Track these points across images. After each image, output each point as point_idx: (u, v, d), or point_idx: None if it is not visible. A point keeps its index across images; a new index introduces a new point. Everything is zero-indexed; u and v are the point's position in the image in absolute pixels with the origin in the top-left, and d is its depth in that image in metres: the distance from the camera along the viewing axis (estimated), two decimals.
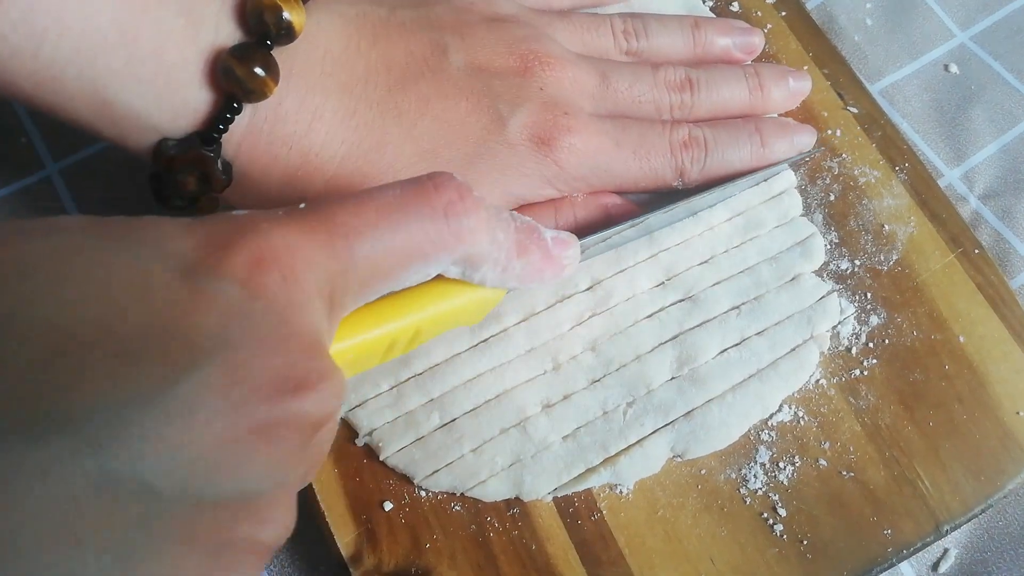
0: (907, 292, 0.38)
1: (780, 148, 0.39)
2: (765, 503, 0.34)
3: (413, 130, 0.33)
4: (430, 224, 0.26)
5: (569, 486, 0.34)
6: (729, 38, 0.41)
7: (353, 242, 0.24)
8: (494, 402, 0.35)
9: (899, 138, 0.41)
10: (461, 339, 0.36)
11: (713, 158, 0.38)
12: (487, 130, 0.34)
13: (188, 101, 0.29)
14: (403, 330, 0.29)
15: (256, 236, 0.22)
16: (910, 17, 0.48)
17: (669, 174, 0.37)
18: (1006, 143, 0.44)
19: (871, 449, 0.35)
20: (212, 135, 0.30)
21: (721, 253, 0.38)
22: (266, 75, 0.29)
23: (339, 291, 0.24)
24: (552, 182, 0.36)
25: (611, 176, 0.37)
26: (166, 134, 0.30)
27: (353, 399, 0.35)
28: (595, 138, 0.36)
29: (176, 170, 0.30)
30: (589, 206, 0.37)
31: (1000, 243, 0.42)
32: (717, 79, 0.39)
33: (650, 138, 0.37)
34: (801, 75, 0.41)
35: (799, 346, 0.36)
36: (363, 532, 0.34)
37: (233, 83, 0.29)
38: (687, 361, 0.36)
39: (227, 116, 0.30)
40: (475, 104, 0.34)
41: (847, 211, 0.40)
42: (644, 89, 0.38)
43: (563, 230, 0.35)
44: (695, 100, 0.39)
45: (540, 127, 0.35)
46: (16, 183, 0.43)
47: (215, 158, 0.30)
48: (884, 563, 0.34)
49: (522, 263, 0.30)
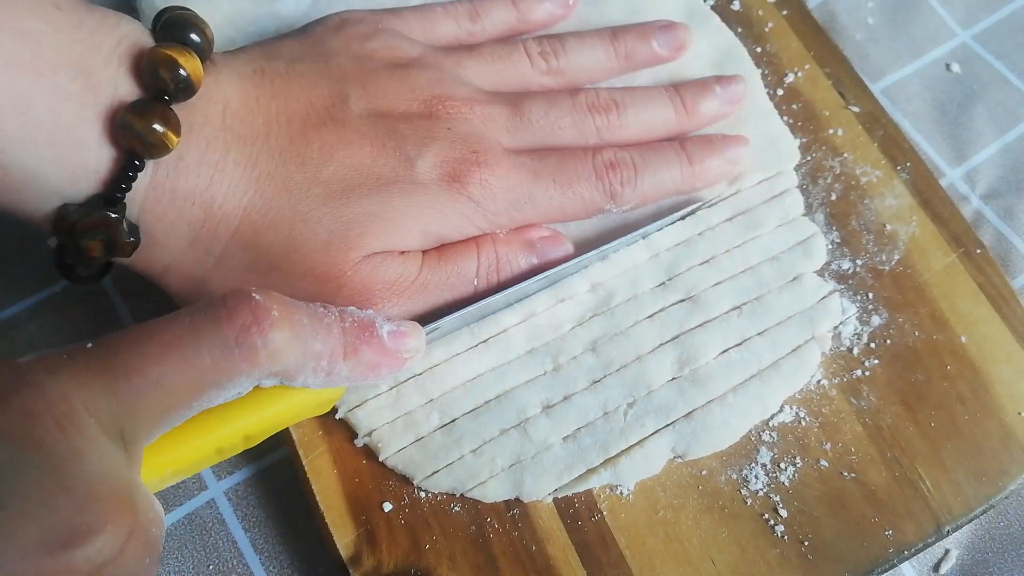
0: (909, 292, 0.38)
1: (710, 164, 0.38)
2: (766, 504, 0.34)
3: (319, 175, 0.32)
4: (220, 354, 0.26)
5: (569, 487, 0.34)
6: (651, 40, 0.40)
7: (135, 382, 0.24)
8: (494, 402, 0.35)
9: (901, 137, 0.41)
10: (460, 339, 0.36)
11: (644, 179, 0.37)
12: (396, 172, 0.33)
13: (88, 162, 0.29)
14: (227, 437, 0.29)
15: (29, 389, 0.23)
16: (912, 16, 0.47)
17: (598, 198, 0.36)
18: (1008, 142, 0.44)
19: (872, 450, 0.35)
20: (115, 195, 0.29)
21: (722, 253, 0.38)
22: (166, 128, 0.29)
23: (129, 429, 0.25)
24: (472, 219, 0.35)
25: (535, 208, 0.36)
26: (68, 199, 0.29)
27: (353, 400, 0.35)
28: (510, 172, 0.35)
29: (79, 235, 0.29)
30: (512, 242, 0.36)
31: (1002, 243, 0.42)
32: (640, 99, 0.38)
33: (571, 164, 0.36)
34: (729, 80, 0.40)
35: (800, 346, 0.36)
36: (363, 533, 0.34)
37: (133, 138, 0.28)
38: (688, 361, 0.36)
39: (129, 174, 0.29)
40: (380, 149, 0.33)
41: (849, 211, 0.40)
42: (561, 114, 0.37)
43: (487, 270, 0.35)
44: (621, 120, 0.38)
45: (449, 165, 0.34)
46: None
47: (120, 219, 0.29)
48: (885, 564, 0.34)
49: (351, 364, 0.29)
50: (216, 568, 0.35)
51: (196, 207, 0.31)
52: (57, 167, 0.28)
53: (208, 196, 0.31)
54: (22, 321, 0.40)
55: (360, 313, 0.30)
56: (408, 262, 0.34)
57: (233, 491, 0.37)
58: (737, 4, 0.44)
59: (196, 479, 0.37)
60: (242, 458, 0.37)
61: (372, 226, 0.32)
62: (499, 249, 0.36)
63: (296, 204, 0.32)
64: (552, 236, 0.37)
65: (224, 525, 0.36)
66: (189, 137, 0.30)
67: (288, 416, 0.31)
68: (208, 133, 0.31)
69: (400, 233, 0.33)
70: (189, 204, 0.31)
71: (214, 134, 0.31)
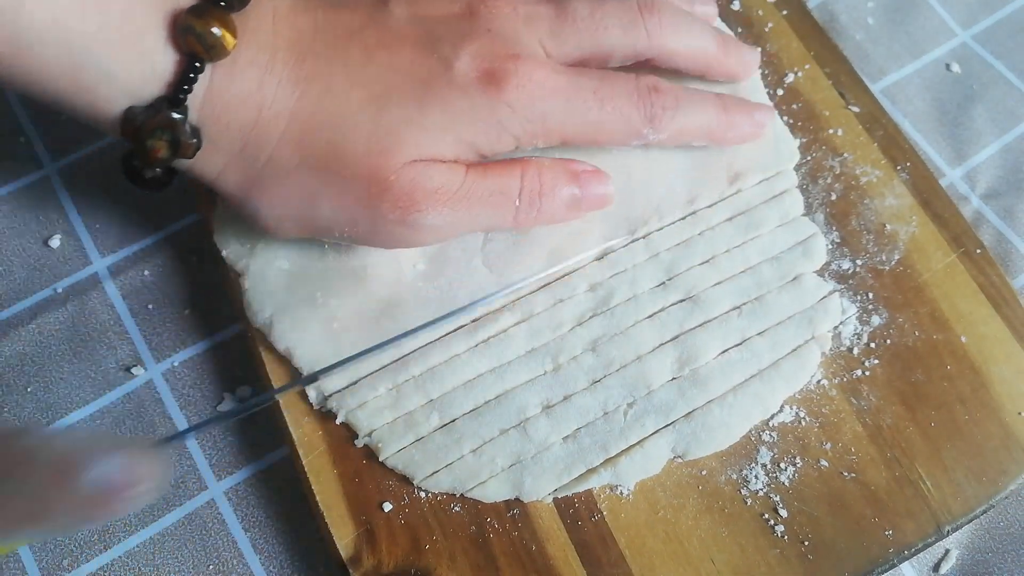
0: (909, 292, 0.38)
1: (741, 119, 0.38)
2: (766, 504, 0.34)
3: (360, 76, 0.33)
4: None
5: (569, 487, 0.34)
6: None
7: None
8: (494, 403, 0.35)
9: (901, 137, 0.41)
10: (459, 340, 0.36)
11: (682, 111, 0.36)
12: (433, 74, 0.33)
13: (155, 64, 0.30)
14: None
15: None
16: (912, 16, 0.47)
17: (637, 119, 0.35)
18: (1008, 142, 0.44)
19: (872, 450, 0.35)
20: (179, 96, 0.31)
21: (722, 253, 0.38)
22: (223, 31, 0.30)
23: None
24: (507, 126, 0.34)
25: (573, 121, 0.35)
26: (134, 100, 0.31)
27: (352, 401, 0.35)
28: (550, 75, 0.34)
29: (146, 136, 0.31)
30: (556, 168, 0.36)
31: (1002, 243, 0.42)
32: (685, 21, 0.37)
33: (612, 80, 0.35)
34: (750, 49, 0.40)
35: (800, 346, 0.36)
36: (363, 533, 0.34)
37: (194, 40, 0.30)
38: (688, 361, 0.36)
39: (191, 76, 0.30)
40: (419, 51, 0.34)
41: (849, 211, 0.40)
42: (608, 12, 0.36)
43: (530, 192, 0.35)
44: (666, 29, 0.36)
45: (487, 65, 0.33)
46: (15, 182, 0.43)
47: (183, 120, 0.31)
48: (885, 564, 0.34)
49: None
50: (216, 568, 0.35)
51: (248, 108, 0.32)
52: (128, 69, 0.30)
53: (259, 98, 0.32)
54: (23, 321, 0.40)
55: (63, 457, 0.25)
56: (452, 172, 0.34)
57: (233, 491, 0.37)
58: (737, 4, 0.44)
59: (196, 479, 0.37)
60: (242, 458, 0.37)
61: (408, 134, 0.33)
62: (543, 173, 0.35)
63: (339, 106, 0.33)
64: (595, 171, 0.37)
65: (224, 525, 0.36)
66: (241, 41, 0.31)
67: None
68: (259, 38, 0.32)
69: (434, 141, 0.33)
70: (242, 106, 0.32)
71: (264, 38, 0.32)
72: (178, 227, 0.42)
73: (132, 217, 0.42)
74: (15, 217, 0.42)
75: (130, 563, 0.36)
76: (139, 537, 0.36)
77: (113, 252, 0.41)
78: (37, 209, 0.42)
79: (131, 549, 0.36)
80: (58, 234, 0.42)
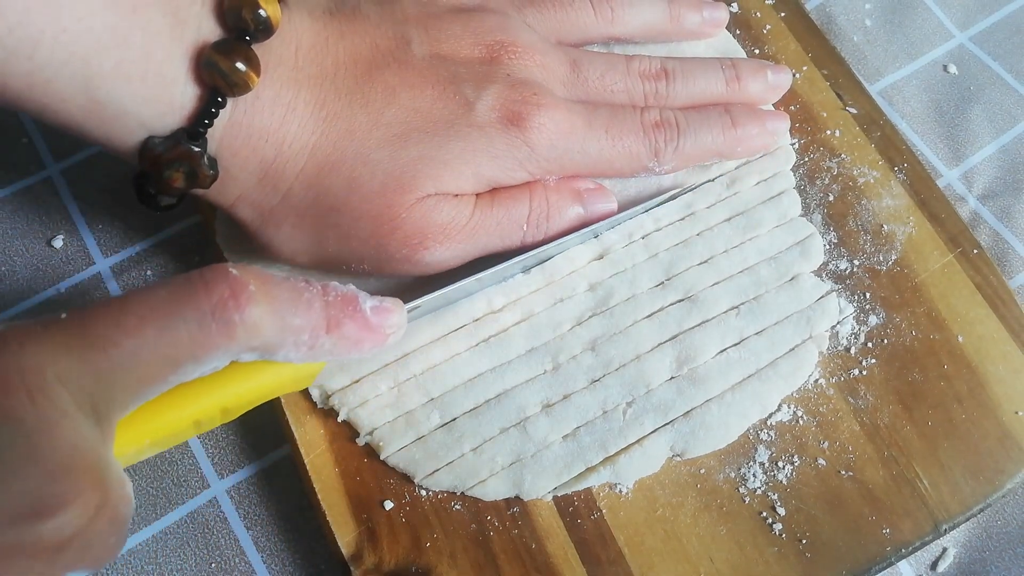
0: (906, 292, 0.38)
1: (752, 131, 0.39)
2: (764, 502, 0.35)
3: (381, 118, 0.33)
4: (197, 327, 0.26)
5: (569, 485, 0.34)
6: (702, 11, 0.41)
7: (112, 353, 0.24)
8: (494, 401, 0.35)
9: (898, 138, 0.41)
10: (460, 339, 0.36)
11: (686, 140, 0.38)
12: (455, 114, 0.34)
13: (175, 97, 0.30)
14: (205, 410, 0.29)
15: (2, 357, 0.22)
16: (909, 18, 0.48)
17: (643, 154, 0.37)
18: (1005, 143, 0.45)
19: (870, 449, 0.35)
20: (198, 130, 0.30)
21: (720, 253, 0.38)
22: (248, 68, 0.30)
23: (103, 402, 0.24)
24: (524, 164, 0.35)
25: (585, 157, 0.36)
26: (153, 132, 0.31)
27: (354, 399, 0.35)
28: (566, 117, 0.35)
29: (164, 167, 0.31)
30: (562, 189, 0.37)
31: (999, 243, 0.42)
32: (693, 70, 0.39)
33: (621, 118, 0.37)
34: (780, 68, 0.41)
35: (798, 346, 0.37)
36: (364, 531, 0.34)
37: (218, 77, 0.30)
38: (686, 361, 0.36)
39: (212, 111, 0.30)
40: (441, 91, 0.34)
41: (846, 211, 0.40)
42: (616, 78, 0.38)
43: (537, 216, 0.36)
44: (670, 90, 0.38)
45: (508, 107, 0.34)
46: (17, 183, 0.43)
47: (202, 153, 0.31)
48: (883, 562, 0.34)
49: (333, 338, 0.30)
50: (218, 566, 0.36)
51: (268, 145, 0.32)
52: (147, 102, 0.30)
53: (280, 135, 0.32)
54: None
55: (343, 288, 0.31)
56: (461, 205, 0.34)
57: (235, 489, 0.37)
58: (735, 6, 0.45)
59: (198, 478, 0.37)
60: (244, 457, 0.38)
61: (427, 169, 0.33)
62: (550, 196, 0.36)
63: (358, 147, 0.33)
64: (599, 189, 0.38)
65: (226, 523, 0.36)
66: (265, 77, 0.31)
67: (267, 390, 0.31)
68: (282, 73, 0.32)
69: (454, 176, 0.34)
70: (262, 141, 0.32)
71: (287, 74, 0.32)
72: (180, 228, 0.42)
73: (135, 218, 0.42)
74: (18, 218, 0.42)
75: (132, 561, 0.36)
76: (141, 535, 0.36)
77: (116, 253, 0.42)
78: (40, 210, 0.42)
79: (133, 547, 0.36)
80: (61, 235, 0.42)
